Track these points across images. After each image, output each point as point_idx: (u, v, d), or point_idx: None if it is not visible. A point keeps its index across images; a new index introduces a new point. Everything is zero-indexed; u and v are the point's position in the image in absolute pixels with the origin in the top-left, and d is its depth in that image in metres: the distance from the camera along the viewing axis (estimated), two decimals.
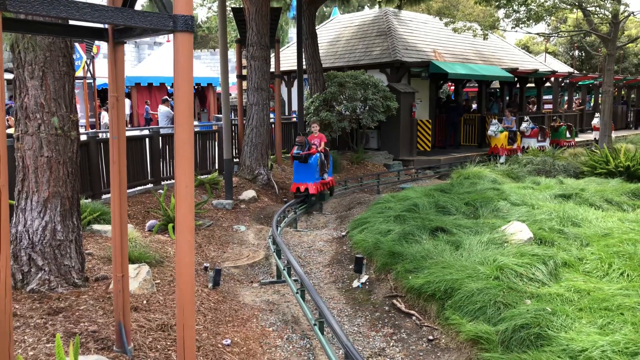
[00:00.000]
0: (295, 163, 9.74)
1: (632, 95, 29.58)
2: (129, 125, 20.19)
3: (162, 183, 9.75)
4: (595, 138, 19.57)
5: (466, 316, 4.61)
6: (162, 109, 15.69)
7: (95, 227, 6.70)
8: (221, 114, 10.59)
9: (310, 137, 10.12)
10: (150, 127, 12.56)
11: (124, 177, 3.70)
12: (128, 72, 23.25)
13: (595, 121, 20.11)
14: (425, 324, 4.98)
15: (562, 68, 27.59)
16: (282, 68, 16.62)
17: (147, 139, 9.79)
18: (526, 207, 7.93)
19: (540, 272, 5.23)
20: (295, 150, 9.59)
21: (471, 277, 5.11)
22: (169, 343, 3.99)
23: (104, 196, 8.40)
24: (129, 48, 35.92)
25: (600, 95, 20.63)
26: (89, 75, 15.77)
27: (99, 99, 20.33)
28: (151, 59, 23.54)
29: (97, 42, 16.27)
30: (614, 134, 17.57)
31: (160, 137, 9.99)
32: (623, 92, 27.30)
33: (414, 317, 5.14)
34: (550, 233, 6.49)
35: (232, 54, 23.41)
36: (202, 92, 23.76)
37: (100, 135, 9.52)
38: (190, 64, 2.90)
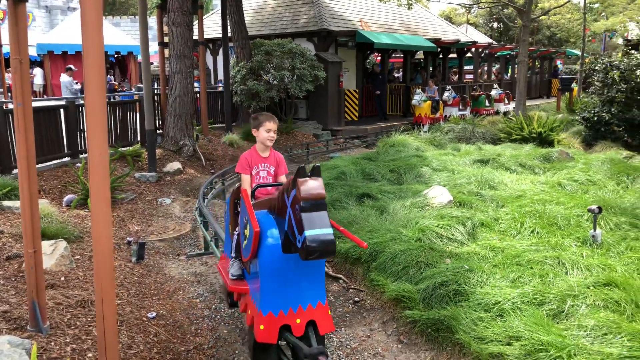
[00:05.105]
0: (274, 260, 3.16)
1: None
2: (44, 96, 18.96)
3: (80, 156, 9.26)
4: (496, 110, 19.82)
5: (390, 277, 4.77)
6: (64, 78, 14.75)
7: (6, 203, 6.29)
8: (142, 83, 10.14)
9: (252, 155, 3.82)
10: (66, 97, 11.81)
11: (32, 147, 3.48)
12: (39, 39, 21.66)
13: (494, 92, 20.04)
14: (352, 287, 5.11)
15: (482, 39, 28.61)
16: (207, 36, 16.10)
17: (62, 110, 9.22)
18: (447, 172, 8.26)
19: (459, 233, 5.48)
20: (288, 211, 3.03)
21: (395, 240, 5.27)
22: (89, 319, 3.85)
23: (14, 171, 7.87)
24: (39, 13, 33.44)
25: (516, 65, 21.56)
26: None
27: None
28: (65, 25, 22.03)
29: (2, 7, 15.00)
30: (528, 102, 18.51)
31: (76, 108, 9.45)
32: (537, 63, 28.74)
33: (341, 281, 5.26)
34: (469, 196, 6.80)
35: (153, 22, 22.38)
36: (122, 62, 22.62)
37: (9, 105, 8.86)
38: (99, 22, 2.73)
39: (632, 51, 14.07)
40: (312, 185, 2.91)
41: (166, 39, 12.41)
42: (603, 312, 3.77)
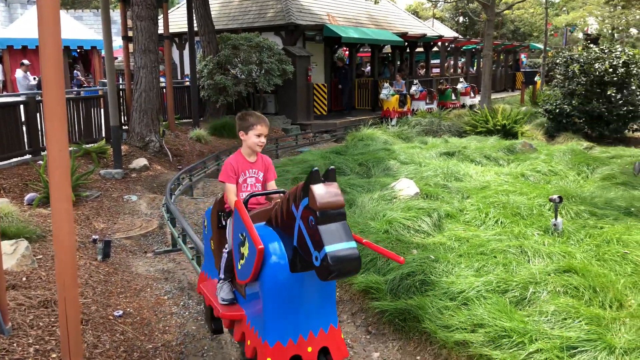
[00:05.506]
0: (280, 281, 2.71)
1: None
2: (3, 92, 18.36)
3: (42, 154, 9.02)
4: (462, 103, 20.16)
5: None
6: (18, 73, 14.32)
7: None
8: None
9: (238, 160, 3.32)
10: (26, 92, 11.46)
11: None
12: None
13: (460, 86, 20.40)
14: None
15: (448, 33, 28.98)
16: (173, 30, 15.86)
17: (21, 106, 8.96)
18: (414, 165, 8.37)
19: (425, 224, 5.57)
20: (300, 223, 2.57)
21: (363, 232, 5.33)
22: (52, 320, 3.77)
23: None
24: None
25: (482, 59, 21.93)
26: None
27: None
28: (24, 18, 21.31)
29: None
30: (493, 95, 18.86)
31: (37, 104, 9.19)
32: (502, 57, 29.28)
33: None
34: (435, 188, 6.91)
35: (117, 15, 21.89)
36: (85, 56, 22.07)
37: None
38: (56, 14, 2.68)
39: (591, 45, 14.47)
40: (329, 192, 2.45)
41: (130, 33, 12.18)
42: (563, 298, 3.90)
